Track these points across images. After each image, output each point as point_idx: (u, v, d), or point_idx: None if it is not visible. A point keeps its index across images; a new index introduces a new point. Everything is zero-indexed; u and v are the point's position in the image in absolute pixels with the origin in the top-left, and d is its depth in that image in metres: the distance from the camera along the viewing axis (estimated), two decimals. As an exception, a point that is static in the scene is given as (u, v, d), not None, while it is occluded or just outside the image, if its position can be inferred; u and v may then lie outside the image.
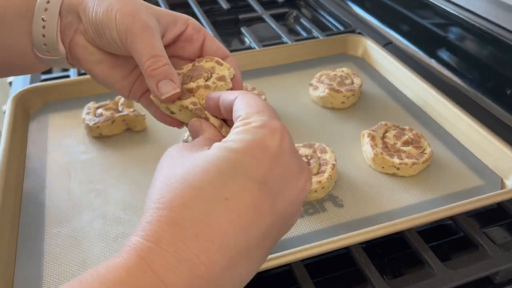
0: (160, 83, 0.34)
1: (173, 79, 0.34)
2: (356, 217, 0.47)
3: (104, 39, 0.35)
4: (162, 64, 0.34)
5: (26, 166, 0.54)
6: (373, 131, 0.55)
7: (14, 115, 0.58)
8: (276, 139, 0.26)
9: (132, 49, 0.34)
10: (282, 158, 0.26)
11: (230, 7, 0.91)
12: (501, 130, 0.58)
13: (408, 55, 0.78)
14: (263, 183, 0.24)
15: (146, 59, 0.33)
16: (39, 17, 0.36)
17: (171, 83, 0.34)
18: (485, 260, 0.42)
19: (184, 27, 0.38)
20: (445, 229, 0.48)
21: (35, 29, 0.36)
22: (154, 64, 0.33)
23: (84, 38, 0.37)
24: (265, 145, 0.25)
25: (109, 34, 0.34)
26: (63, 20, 0.36)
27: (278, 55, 0.73)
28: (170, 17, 0.37)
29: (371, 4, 0.93)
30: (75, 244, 0.44)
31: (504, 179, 0.51)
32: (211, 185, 0.24)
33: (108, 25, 0.34)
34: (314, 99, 0.65)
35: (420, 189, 0.50)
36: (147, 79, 0.34)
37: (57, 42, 0.37)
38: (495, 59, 0.66)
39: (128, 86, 0.39)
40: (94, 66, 0.38)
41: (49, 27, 0.36)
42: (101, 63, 0.38)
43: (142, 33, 0.34)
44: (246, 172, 0.24)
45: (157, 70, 0.34)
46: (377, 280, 0.40)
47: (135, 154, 0.56)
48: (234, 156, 0.25)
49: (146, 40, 0.34)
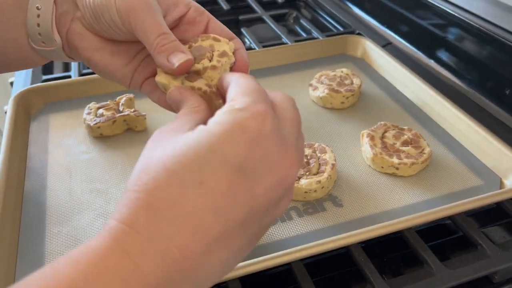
0: (170, 55, 0.33)
1: (183, 51, 0.33)
2: (355, 216, 0.47)
3: (103, 22, 0.34)
4: (171, 40, 0.33)
5: (27, 166, 0.54)
6: (373, 131, 0.55)
7: (15, 115, 0.58)
8: (256, 121, 0.25)
9: (136, 29, 0.33)
10: (263, 141, 0.25)
11: (230, 7, 0.91)
12: (500, 130, 0.58)
13: (407, 55, 0.79)
14: (241, 167, 0.24)
15: (154, 38, 0.33)
16: (33, 5, 0.35)
17: (182, 54, 0.33)
18: (484, 260, 0.42)
19: (186, 9, 0.37)
20: (444, 229, 0.48)
21: (30, 18, 0.35)
22: (163, 40, 0.33)
23: (81, 24, 0.36)
24: (244, 128, 0.24)
25: (108, 16, 0.34)
26: (59, 8, 0.36)
27: (278, 55, 0.73)
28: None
29: (370, 4, 0.93)
30: (76, 243, 0.45)
31: (503, 179, 0.51)
32: (187, 168, 0.23)
33: (107, 7, 0.33)
34: (314, 99, 0.65)
35: (419, 189, 0.50)
36: (156, 56, 0.33)
37: (52, 32, 0.36)
38: (494, 60, 0.66)
39: (129, 73, 0.38)
40: (93, 54, 0.37)
41: (44, 16, 0.35)
42: (100, 50, 0.37)
43: (146, 12, 0.33)
44: (223, 155, 0.24)
45: (166, 46, 0.33)
46: (376, 279, 0.40)
47: (135, 154, 0.56)
48: (212, 139, 0.24)
49: (151, 19, 0.33)
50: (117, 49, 0.37)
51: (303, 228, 0.45)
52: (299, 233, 0.45)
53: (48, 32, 0.36)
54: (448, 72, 0.73)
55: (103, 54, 0.37)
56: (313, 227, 0.46)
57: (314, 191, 0.48)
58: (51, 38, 0.36)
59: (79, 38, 0.36)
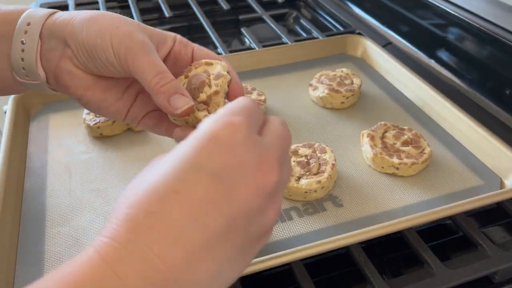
0: (171, 98, 0.33)
1: (183, 93, 0.34)
2: (355, 216, 0.47)
3: (98, 62, 0.34)
4: (169, 80, 0.33)
5: (26, 166, 0.54)
6: (373, 131, 0.55)
7: (14, 115, 0.58)
8: (227, 130, 0.25)
9: (134, 69, 0.33)
10: (236, 149, 0.25)
11: (230, 7, 0.91)
12: (500, 130, 0.58)
13: (407, 55, 0.78)
14: (216, 174, 0.24)
15: (151, 77, 0.33)
16: (18, 39, 0.35)
17: (183, 97, 0.33)
18: (484, 260, 0.42)
19: (172, 43, 0.38)
20: (445, 229, 0.48)
21: (14, 52, 0.35)
22: (162, 80, 0.33)
23: (71, 63, 0.35)
24: (216, 136, 0.25)
25: (104, 56, 0.34)
26: (45, 44, 0.35)
27: (278, 55, 0.73)
28: (159, 36, 0.37)
29: (370, 4, 0.93)
30: (76, 243, 0.45)
31: (503, 179, 0.51)
32: (163, 179, 0.24)
33: (103, 48, 0.33)
34: (314, 99, 0.65)
35: (420, 189, 0.50)
36: (156, 96, 0.33)
37: (36, 67, 0.35)
38: (494, 59, 0.66)
39: (123, 108, 0.38)
40: (85, 92, 0.36)
41: (29, 51, 0.35)
42: (92, 88, 0.37)
43: (143, 52, 0.33)
44: (198, 164, 0.24)
45: (165, 86, 0.33)
46: (376, 279, 0.40)
47: (135, 154, 0.56)
48: (187, 150, 0.25)
49: (148, 59, 0.33)
50: (107, 85, 0.37)
51: (303, 228, 0.45)
52: (299, 233, 0.45)
53: (32, 67, 0.35)
54: (449, 72, 0.73)
55: (95, 91, 0.37)
56: (313, 227, 0.46)
57: (314, 191, 0.48)
58: (35, 73, 0.36)
59: (69, 77, 0.36)
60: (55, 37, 0.35)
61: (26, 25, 0.35)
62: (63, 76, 0.36)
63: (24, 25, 0.35)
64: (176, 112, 0.33)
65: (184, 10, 0.93)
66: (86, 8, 0.93)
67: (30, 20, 0.35)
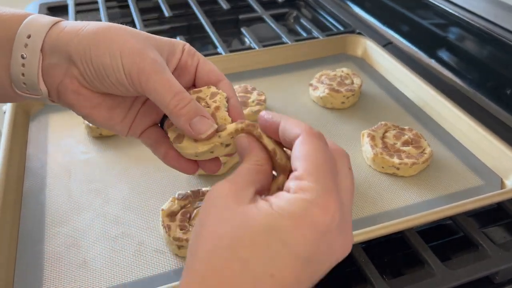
0: (192, 121, 0.31)
1: (205, 114, 0.32)
2: (356, 217, 0.47)
3: (107, 81, 0.32)
4: (188, 101, 0.32)
5: (26, 166, 0.54)
6: (373, 131, 0.55)
7: (14, 115, 0.58)
8: (327, 217, 0.25)
9: (148, 90, 0.31)
10: (330, 235, 0.25)
11: (230, 7, 0.91)
12: (500, 130, 0.58)
13: (408, 55, 0.78)
14: (308, 260, 0.25)
15: (169, 99, 0.31)
16: (18, 53, 0.32)
17: (205, 120, 0.32)
18: (485, 260, 0.42)
19: (181, 54, 0.36)
20: (445, 229, 0.48)
21: (14, 67, 0.32)
22: (181, 102, 0.31)
23: (77, 82, 0.33)
24: (315, 223, 0.25)
25: (114, 77, 0.32)
26: (47, 59, 0.33)
27: (278, 55, 0.73)
28: (169, 47, 0.35)
29: (371, 4, 0.93)
30: (75, 244, 0.44)
31: (504, 179, 0.51)
32: (259, 259, 0.24)
33: (113, 68, 0.31)
34: (314, 99, 0.65)
35: (420, 189, 0.50)
36: (177, 119, 0.32)
37: (38, 83, 0.33)
38: (494, 59, 0.66)
39: (127, 124, 0.36)
40: (91, 111, 0.34)
41: (29, 66, 0.32)
42: (98, 107, 0.34)
43: (156, 72, 0.31)
44: (294, 250, 0.24)
45: (185, 109, 0.31)
46: (377, 280, 0.40)
47: (135, 154, 0.56)
48: (283, 231, 0.24)
49: (162, 79, 0.31)
50: (113, 103, 0.35)
51: (303, 229, 0.45)
52: (299, 234, 0.45)
53: (33, 83, 0.33)
54: (449, 71, 0.72)
55: (101, 110, 0.35)
56: (313, 228, 0.45)
57: (314, 191, 0.48)
58: (36, 88, 0.33)
59: (75, 96, 0.34)
60: (58, 52, 0.32)
61: (26, 38, 0.32)
62: (67, 95, 0.34)
63: (24, 37, 0.32)
64: (200, 137, 0.32)
65: (184, 9, 0.92)
66: (86, 7, 0.93)
67: (30, 31, 0.33)
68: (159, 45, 0.34)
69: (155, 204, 0.49)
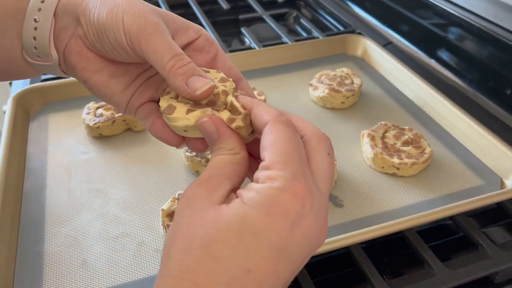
0: (189, 80, 0.31)
1: (203, 75, 0.31)
2: (356, 217, 0.47)
3: (106, 43, 0.32)
4: (186, 62, 0.31)
5: (26, 166, 0.54)
6: (373, 131, 0.55)
7: (14, 115, 0.58)
8: (296, 203, 0.25)
9: (147, 51, 0.31)
10: (303, 221, 0.25)
11: (230, 7, 0.91)
12: (500, 130, 0.58)
13: (408, 55, 0.78)
14: (283, 249, 0.24)
15: (167, 60, 0.31)
16: (31, 17, 0.33)
17: (202, 78, 0.31)
18: (485, 260, 0.42)
19: (196, 36, 0.35)
20: (445, 229, 0.48)
21: (26, 30, 0.33)
22: (178, 62, 0.31)
23: (82, 43, 0.33)
24: (285, 210, 0.25)
25: (113, 37, 0.32)
26: (58, 22, 0.33)
27: (278, 55, 0.73)
28: (180, 23, 0.34)
29: (371, 4, 0.93)
30: (75, 243, 0.44)
31: (504, 179, 0.51)
32: (233, 256, 0.24)
33: (114, 27, 0.31)
34: (314, 99, 0.65)
35: (420, 189, 0.50)
36: (173, 79, 0.31)
37: (49, 46, 0.33)
38: (494, 59, 0.66)
39: (126, 98, 0.36)
40: (91, 75, 0.34)
41: (42, 29, 0.33)
42: (100, 72, 0.34)
43: (157, 33, 0.31)
44: (267, 240, 0.24)
45: (183, 68, 0.31)
46: (377, 280, 0.40)
47: (135, 154, 0.56)
48: (254, 223, 0.24)
49: (164, 40, 0.31)
50: (117, 71, 0.35)
51: (303, 229, 0.45)
52: (299, 234, 0.45)
53: (44, 47, 0.33)
54: (449, 71, 0.72)
55: (102, 76, 0.34)
56: (313, 228, 0.45)
57: (314, 191, 0.48)
58: (47, 53, 0.34)
59: (78, 58, 0.34)
60: (68, 14, 0.33)
61: (40, 2, 0.33)
62: (71, 56, 0.34)
63: (38, 2, 0.33)
64: (195, 94, 0.31)
65: (183, 9, 0.92)
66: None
67: None
68: (168, 19, 0.33)
69: (155, 204, 0.49)
